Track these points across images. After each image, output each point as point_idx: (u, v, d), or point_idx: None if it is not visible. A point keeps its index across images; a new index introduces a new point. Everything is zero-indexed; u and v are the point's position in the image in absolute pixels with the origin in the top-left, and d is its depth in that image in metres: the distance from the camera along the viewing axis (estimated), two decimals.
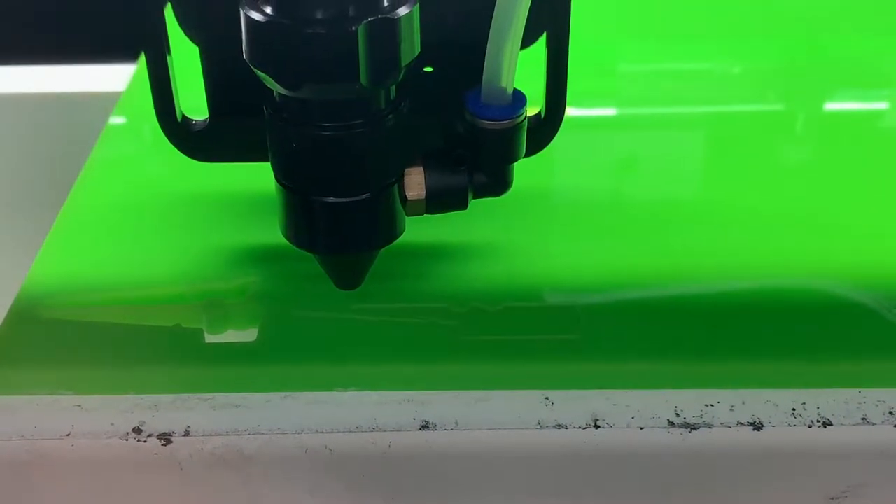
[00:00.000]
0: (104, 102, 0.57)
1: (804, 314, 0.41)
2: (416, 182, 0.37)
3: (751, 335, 0.40)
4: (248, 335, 0.41)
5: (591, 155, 0.52)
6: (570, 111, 0.40)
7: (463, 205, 0.38)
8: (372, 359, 0.39)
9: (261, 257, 0.44)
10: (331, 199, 0.36)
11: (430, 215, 0.38)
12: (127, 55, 0.65)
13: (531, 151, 0.39)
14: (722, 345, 0.40)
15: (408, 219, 0.38)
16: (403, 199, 0.37)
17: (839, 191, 0.49)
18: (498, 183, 0.38)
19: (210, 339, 0.40)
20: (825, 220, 0.46)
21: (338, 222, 0.37)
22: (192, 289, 0.43)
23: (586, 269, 0.43)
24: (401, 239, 0.39)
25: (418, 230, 0.40)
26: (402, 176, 0.37)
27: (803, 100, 0.57)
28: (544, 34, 0.38)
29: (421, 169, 0.37)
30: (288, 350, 0.40)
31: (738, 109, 0.56)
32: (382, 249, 0.38)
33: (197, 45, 0.39)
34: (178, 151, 0.40)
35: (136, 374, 0.38)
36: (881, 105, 0.59)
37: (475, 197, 0.38)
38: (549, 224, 0.46)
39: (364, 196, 0.36)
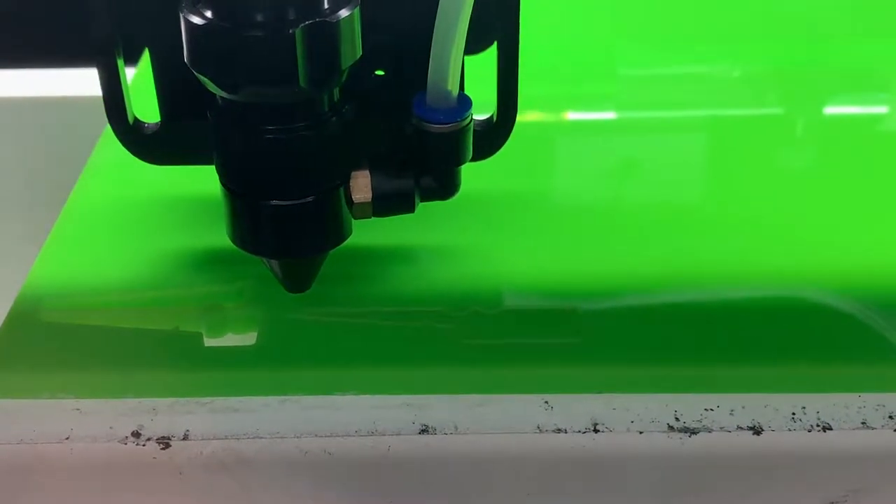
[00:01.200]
0: (103, 106, 0.57)
1: (804, 318, 0.41)
2: (362, 185, 0.37)
3: (750, 339, 0.40)
4: (247, 339, 0.41)
5: (591, 158, 0.52)
6: (571, 115, 0.40)
7: (410, 208, 0.38)
8: (371, 362, 0.39)
9: (259, 260, 0.44)
10: (275, 203, 0.36)
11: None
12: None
13: (484, 155, 0.39)
14: (722, 349, 0.40)
15: (409, 221, 0.38)
16: (350, 202, 0.37)
17: (839, 195, 0.49)
18: (445, 186, 0.38)
19: (209, 342, 0.40)
20: (825, 225, 0.46)
21: (284, 226, 0.37)
22: (191, 292, 0.43)
23: (586, 273, 0.43)
24: (400, 242, 0.39)
25: (418, 232, 0.40)
26: (349, 179, 0.37)
27: (803, 103, 0.57)
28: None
29: (367, 172, 0.37)
30: (287, 354, 0.40)
31: (738, 113, 0.56)
32: (380, 254, 0.38)
33: (146, 47, 0.38)
34: None
35: (134, 377, 0.38)
36: (881, 109, 0.59)
37: (423, 200, 0.38)
38: (549, 227, 0.46)
39: (309, 199, 0.36)
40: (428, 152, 0.37)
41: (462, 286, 0.42)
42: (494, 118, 0.39)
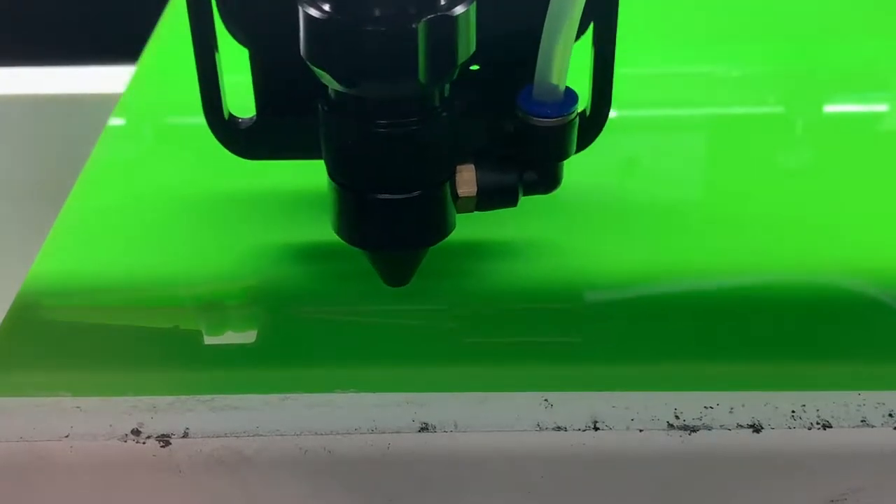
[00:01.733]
0: (104, 104, 0.57)
1: (804, 316, 0.41)
2: (467, 179, 0.37)
3: (750, 337, 0.40)
4: (247, 337, 0.41)
5: (591, 157, 0.52)
6: None
7: (513, 202, 0.39)
8: (371, 360, 0.39)
9: (260, 259, 0.44)
10: (383, 196, 0.36)
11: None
12: (127, 56, 0.65)
13: (576, 149, 0.39)
14: (721, 347, 0.40)
15: None
16: (455, 196, 0.37)
17: (839, 193, 0.49)
18: (548, 180, 0.39)
19: (209, 340, 0.40)
20: (825, 223, 0.46)
21: (390, 219, 0.37)
22: (192, 290, 0.43)
23: (585, 271, 0.43)
24: None
25: None
26: (454, 173, 0.37)
27: (803, 102, 0.57)
28: (589, 31, 0.38)
29: (472, 166, 0.37)
30: (287, 352, 0.40)
31: (738, 112, 0.56)
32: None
33: (244, 44, 0.39)
34: (177, 153, 0.40)
35: (134, 375, 0.38)
36: (881, 107, 0.59)
37: (525, 194, 0.39)
38: (548, 225, 0.46)
39: (416, 193, 0.36)
40: (533, 146, 0.37)
41: (461, 284, 0.42)
42: (588, 112, 0.39)
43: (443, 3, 0.33)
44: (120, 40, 0.71)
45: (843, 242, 0.45)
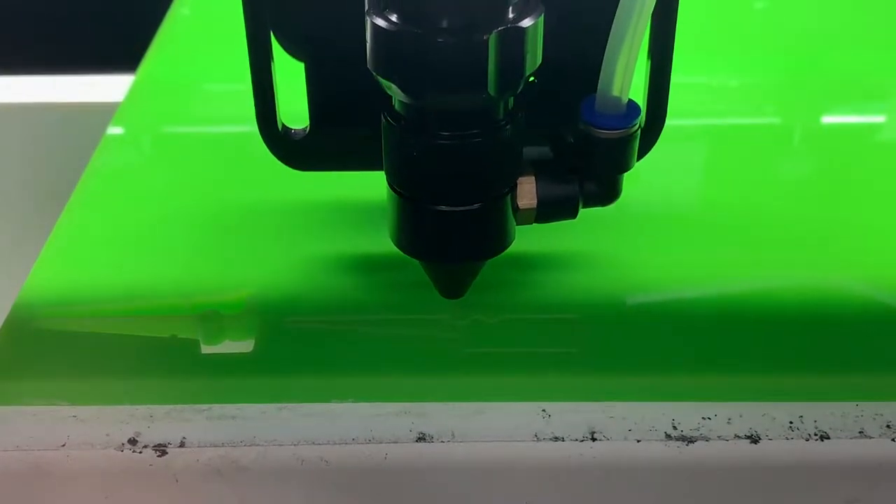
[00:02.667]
0: (102, 112, 0.57)
1: (802, 327, 0.41)
2: (528, 191, 0.37)
3: (748, 348, 0.40)
4: (244, 346, 0.41)
5: None
6: None
7: (573, 214, 0.38)
8: (369, 370, 0.39)
9: (257, 268, 0.44)
10: (443, 208, 0.36)
11: None
12: (125, 65, 0.66)
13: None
14: (719, 357, 0.40)
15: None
16: (515, 207, 0.37)
17: (837, 204, 0.49)
18: (608, 192, 0.38)
19: (206, 349, 0.40)
20: (823, 234, 0.46)
21: (449, 231, 0.37)
22: (189, 299, 0.43)
23: (583, 282, 0.43)
24: (396, 251, 0.39)
25: None
26: (514, 185, 0.37)
27: (800, 113, 0.57)
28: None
29: (532, 178, 0.37)
30: (284, 361, 0.39)
31: (736, 123, 0.56)
32: (378, 262, 0.38)
33: (299, 58, 0.39)
34: (175, 161, 0.40)
35: (131, 384, 0.38)
36: (879, 118, 0.59)
37: (584, 206, 0.38)
38: (546, 236, 0.46)
39: (477, 205, 0.36)
40: (594, 158, 0.37)
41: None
42: (642, 122, 0.39)
43: (511, 15, 0.33)
44: (119, 50, 0.71)
45: (842, 253, 0.45)
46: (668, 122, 0.39)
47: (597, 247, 0.45)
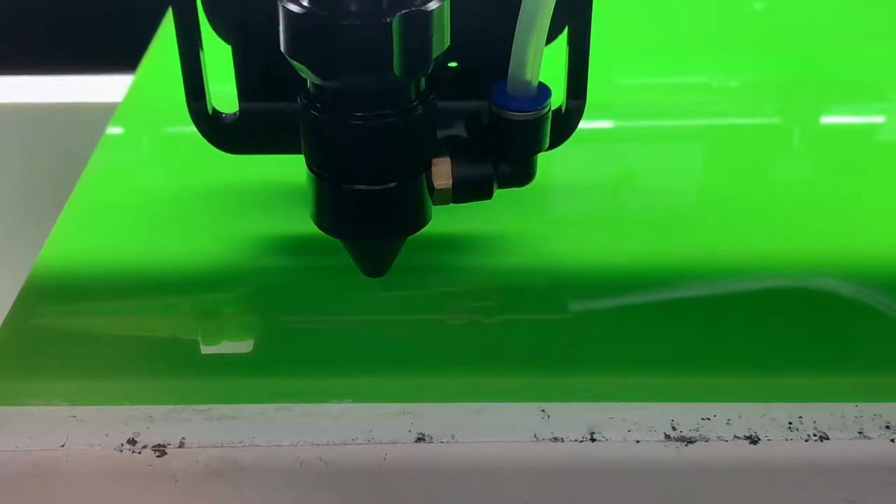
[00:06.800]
0: (101, 112, 0.57)
1: (801, 327, 0.41)
2: (443, 172, 0.38)
3: (747, 348, 0.40)
4: (244, 346, 0.41)
5: (589, 167, 0.52)
6: None
7: (488, 195, 0.39)
8: (368, 370, 0.39)
9: (257, 268, 0.44)
10: (360, 187, 0.37)
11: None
12: (125, 66, 0.66)
13: (551, 145, 0.40)
14: (719, 358, 0.40)
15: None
16: (431, 188, 0.38)
17: (835, 204, 0.49)
18: (522, 173, 0.39)
19: (205, 350, 0.40)
20: (822, 234, 0.46)
21: (366, 210, 0.38)
22: (188, 299, 0.43)
23: (583, 282, 0.43)
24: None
25: (415, 241, 0.40)
26: (430, 166, 0.38)
27: (800, 113, 0.57)
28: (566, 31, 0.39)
29: (448, 159, 0.38)
30: (283, 361, 0.39)
31: (736, 123, 0.56)
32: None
33: (228, 41, 0.40)
34: (174, 161, 0.41)
35: (130, 385, 0.38)
36: (878, 118, 0.59)
37: (500, 187, 0.39)
38: (546, 236, 0.46)
39: (392, 184, 0.37)
40: (507, 140, 0.38)
41: (458, 294, 0.42)
42: (563, 108, 0.40)
43: None
44: (118, 50, 0.71)
45: (841, 253, 0.45)
46: (668, 121, 0.40)
47: (595, 247, 0.45)
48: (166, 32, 0.64)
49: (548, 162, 0.40)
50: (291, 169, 0.41)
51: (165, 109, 0.56)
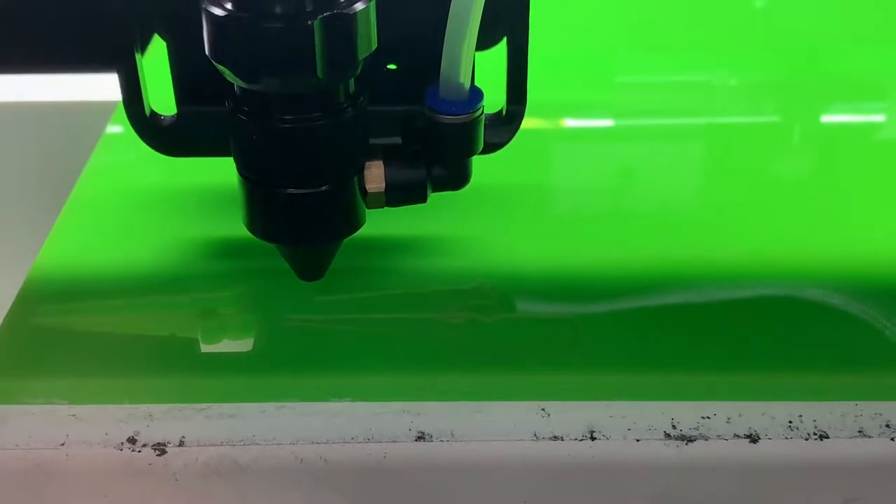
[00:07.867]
0: (102, 111, 0.57)
1: (801, 326, 0.41)
2: (375, 175, 0.38)
3: (747, 347, 0.40)
4: (244, 345, 0.41)
5: (589, 166, 0.52)
6: (568, 122, 0.40)
7: (422, 198, 0.39)
8: (368, 369, 0.39)
9: (258, 268, 0.44)
10: (291, 191, 0.37)
11: (420, 217, 0.39)
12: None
13: (492, 149, 0.40)
14: (719, 357, 0.40)
15: (402, 230, 0.38)
16: (363, 191, 0.38)
17: (835, 203, 0.49)
18: (456, 177, 0.39)
19: (205, 348, 0.40)
20: (823, 233, 0.46)
21: (299, 213, 0.37)
22: (188, 298, 0.43)
23: (583, 280, 0.43)
24: (397, 251, 0.39)
25: (415, 242, 0.40)
26: (362, 169, 0.38)
27: (800, 111, 0.57)
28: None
29: (381, 162, 0.38)
30: (283, 360, 0.40)
31: (735, 121, 0.56)
32: (376, 266, 0.38)
33: (162, 36, 0.39)
34: (174, 160, 0.41)
35: (130, 383, 0.38)
36: (878, 117, 0.59)
37: (434, 190, 0.39)
38: (546, 235, 0.46)
39: (323, 188, 0.37)
40: (440, 143, 0.38)
41: (459, 293, 0.42)
42: (504, 113, 0.40)
43: (342, 0, 0.34)
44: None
45: (840, 252, 0.45)
46: (668, 121, 0.40)
47: (595, 246, 0.45)
48: None
49: (548, 159, 0.40)
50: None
51: (168, 107, 0.56)
